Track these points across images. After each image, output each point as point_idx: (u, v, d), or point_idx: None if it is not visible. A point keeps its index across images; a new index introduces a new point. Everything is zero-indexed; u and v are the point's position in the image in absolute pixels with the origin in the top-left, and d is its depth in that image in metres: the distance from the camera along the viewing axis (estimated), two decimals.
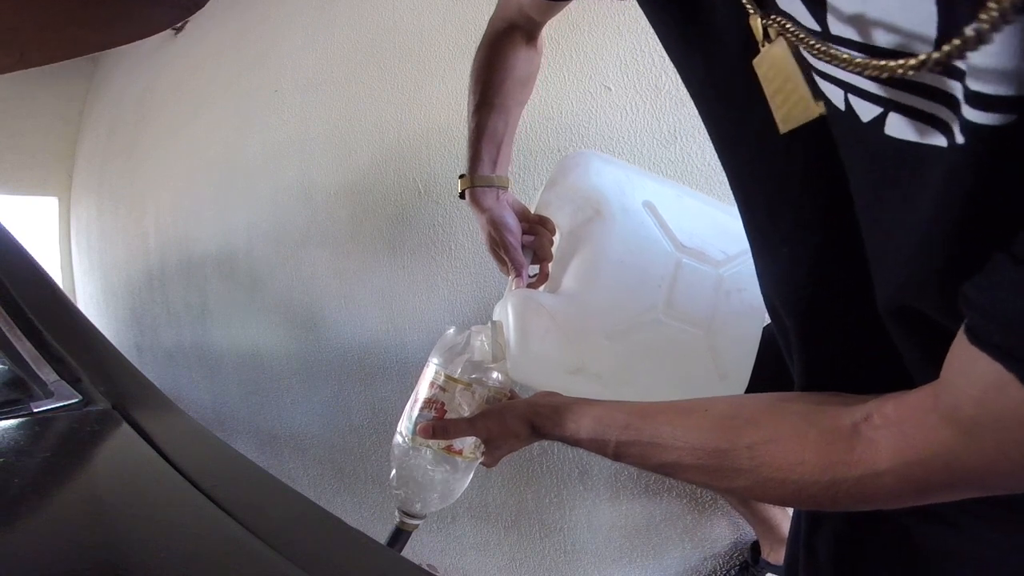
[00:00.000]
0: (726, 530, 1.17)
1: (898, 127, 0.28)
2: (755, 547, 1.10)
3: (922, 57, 0.23)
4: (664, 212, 0.68)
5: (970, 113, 0.23)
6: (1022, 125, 0.22)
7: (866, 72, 0.26)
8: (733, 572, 1.12)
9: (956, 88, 0.24)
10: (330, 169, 1.84)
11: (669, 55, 0.44)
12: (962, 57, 0.22)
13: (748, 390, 0.66)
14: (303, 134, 1.93)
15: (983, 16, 0.20)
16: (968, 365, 0.26)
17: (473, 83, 0.71)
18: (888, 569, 0.43)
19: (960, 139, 0.24)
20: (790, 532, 0.53)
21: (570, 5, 0.67)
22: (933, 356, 0.29)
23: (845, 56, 0.27)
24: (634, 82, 1.19)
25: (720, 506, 1.17)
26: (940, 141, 0.26)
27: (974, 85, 0.23)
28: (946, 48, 0.22)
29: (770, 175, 0.40)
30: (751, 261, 0.70)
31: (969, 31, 0.21)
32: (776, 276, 0.42)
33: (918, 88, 0.26)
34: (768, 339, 0.73)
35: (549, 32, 1.28)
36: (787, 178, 0.38)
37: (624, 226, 0.66)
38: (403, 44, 1.62)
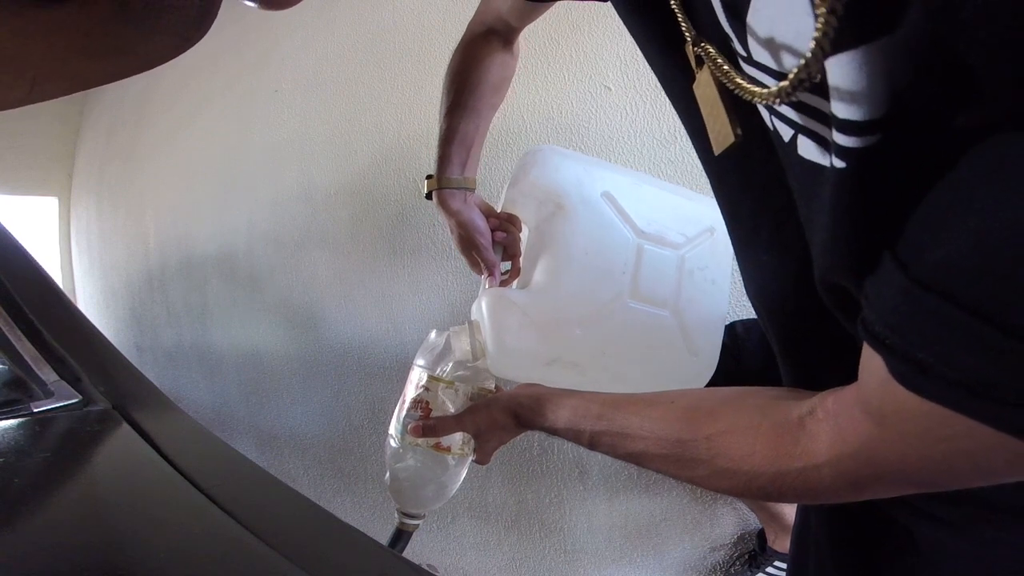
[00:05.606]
0: (729, 526, 1.17)
1: (807, 148, 0.29)
2: (761, 535, 1.10)
3: (787, 80, 0.24)
4: (622, 201, 0.70)
5: (839, 137, 0.24)
6: (885, 144, 0.23)
7: (761, 100, 0.27)
8: (738, 564, 1.12)
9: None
10: (330, 169, 1.84)
11: (647, 61, 0.45)
12: (810, 79, 0.22)
13: (740, 381, 0.67)
14: (303, 134, 1.93)
15: (815, 34, 0.21)
16: (869, 358, 0.26)
17: (448, 84, 0.73)
18: (888, 562, 0.43)
19: (837, 161, 0.25)
20: (795, 523, 0.53)
21: (570, 6, 0.68)
22: None
23: (754, 89, 0.28)
24: (634, 82, 1.19)
25: (721, 501, 1.16)
26: (827, 162, 0.27)
27: (838, 111, 0.23)
28: (794, 70, 0.23)
29: (750, 184, 0.40)
30: (710, 241, 0.71)
31: (808, 50, 0.21)
32: (759, 284, 0.43)
33: (811, 111, 0.27)
34: (757, 332, 0.73)
35: (549, 32, 1.27)
36: (766, 187, 0.38)
37: (585, 218, 0.68)
38: (403, 44, 1.62)
